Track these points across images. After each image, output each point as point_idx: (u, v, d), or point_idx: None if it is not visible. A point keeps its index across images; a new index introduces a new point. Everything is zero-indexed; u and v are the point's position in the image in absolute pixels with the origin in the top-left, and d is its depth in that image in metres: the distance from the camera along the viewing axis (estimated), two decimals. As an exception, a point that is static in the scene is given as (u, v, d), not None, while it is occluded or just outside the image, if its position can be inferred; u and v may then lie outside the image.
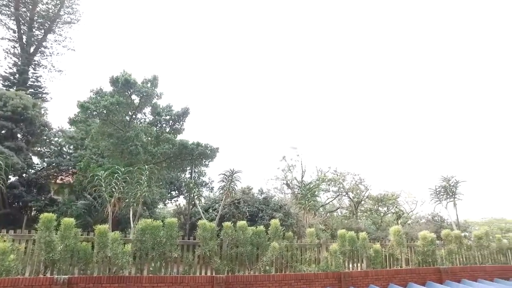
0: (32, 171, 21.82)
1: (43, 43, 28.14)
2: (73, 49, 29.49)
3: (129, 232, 9.40)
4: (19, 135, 19.50)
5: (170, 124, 20.18)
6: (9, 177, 19.16)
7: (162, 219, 9.63)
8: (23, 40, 26.74)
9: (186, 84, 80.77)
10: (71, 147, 23.31)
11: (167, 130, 19.96)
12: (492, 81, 64.98)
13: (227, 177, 14.24)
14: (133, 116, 18.76)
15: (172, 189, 26.63)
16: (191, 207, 19.71)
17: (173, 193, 27.01)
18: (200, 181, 26.75)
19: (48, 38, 28.48)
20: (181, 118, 20.04)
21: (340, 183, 28.71)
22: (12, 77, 25.57)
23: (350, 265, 10.12)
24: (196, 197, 18.37)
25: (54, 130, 22.57)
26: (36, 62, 27.56)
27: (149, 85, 17.86)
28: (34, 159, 22.41)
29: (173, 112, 20.01)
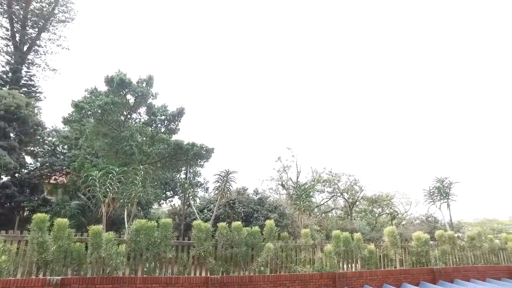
0: (25, 171, 21.60)
1: (37, 42, 27.80)
2: (68, 48, 29.17)
3: (124, 232, 9.33)
4: (11, 135, 19.26)
5: (165, 124, 20.12)
6: (1, 176, 18.96)
7: (156, 219, 9.59)
8: (16, 38, 26.39)
9: (182, 84, 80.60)
10: (65, 146, 23.12)
11: (162, 130, 19.90)
12: (483, 84, 65.80)
13: (222, 178, 14.20)
14: (128, 116, 18.67)
15: (167, 190, 26.55)
16: (186, 207, 19.64)
17: (168, 193, 26.94)
18: (195, 181, 26.72)
19: (42, 36, 28.16)
20: (176, 118, 19.99)
21: (335, 183, 28.87)
22: (5, 76, 25.25)
23: (345, 266, 10.16)
24: (191, 197, 18.31)
25: (48, 130, 22.37)
26: (30, 61, 27.25)
27: (144, 85, 17.80)
28: (27, 159, 22.19)
29: (168, 112, 19.96)
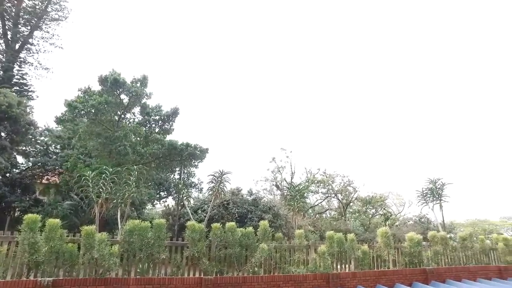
0: (17, 170, 21.31)
1: (30, 40, 27.39)
2: (61, 47, 28.75)
3: (117, 233, 9.27)
4: (2, 134, 18.96)
5: (160, 124, 20.03)
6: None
7: (150, 220, 9.53)
8: (8, 36, 25.99)
9: (176, 84, 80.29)
10: (58, 146, 22.87)
11: (156, 130, 19.81)
12: (476, 85, 66.71)
13: (216, 178, 14.17)
14: (122, 116, 18.54)
15: (161, 190, 26.44)
16: (180, 208, 19.58)
17: (162, 193, 26.83)
18: (189, 182, 26.66)
19: (35, 34, 27.72)
20: (170, 118, 19.91)
21: (329, 184, 29.00)
22: (-4, 74, 24.89)
23: (339, 266, 10.21)
24: (185, 198, 18.24)
25: (40, 129, 22.10)
26: (22, 59, 26.83)
27: (138, 84, 17.71)
28: (19, 159, 21.90)
29: (163, 112, 19.88)
